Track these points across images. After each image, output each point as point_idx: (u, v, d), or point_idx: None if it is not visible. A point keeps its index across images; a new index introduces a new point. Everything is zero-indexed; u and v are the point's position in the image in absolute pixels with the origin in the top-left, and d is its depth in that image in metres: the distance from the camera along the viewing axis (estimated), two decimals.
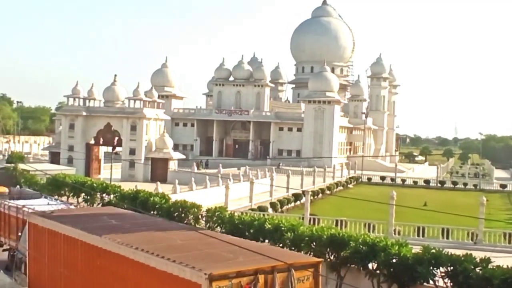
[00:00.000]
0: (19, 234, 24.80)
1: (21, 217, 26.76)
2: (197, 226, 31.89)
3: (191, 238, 17.06)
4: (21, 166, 53.65)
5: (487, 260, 20.29)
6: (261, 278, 13.83)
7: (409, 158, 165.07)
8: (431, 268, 21.18)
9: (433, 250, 21.51)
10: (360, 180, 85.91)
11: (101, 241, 16.18)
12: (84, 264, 17.03)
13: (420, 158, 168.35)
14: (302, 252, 25.07)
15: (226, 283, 13.16)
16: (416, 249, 22.36)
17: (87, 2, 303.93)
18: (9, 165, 56.18)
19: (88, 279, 16.69)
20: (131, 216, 21.22)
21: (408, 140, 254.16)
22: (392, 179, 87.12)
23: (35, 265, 19.56)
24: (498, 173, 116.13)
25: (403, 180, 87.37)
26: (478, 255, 21.01)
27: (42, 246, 19.27)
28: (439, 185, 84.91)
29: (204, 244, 16.04)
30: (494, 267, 19.78)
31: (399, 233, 38.29)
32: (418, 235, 38.66)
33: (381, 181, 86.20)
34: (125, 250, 15.22)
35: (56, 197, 36.73)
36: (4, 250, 29.27)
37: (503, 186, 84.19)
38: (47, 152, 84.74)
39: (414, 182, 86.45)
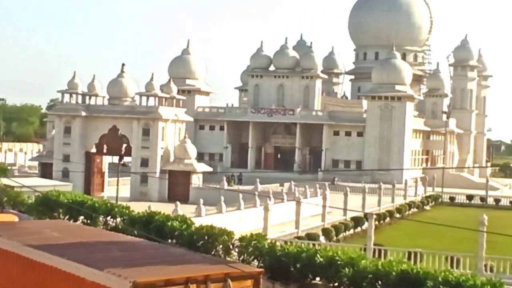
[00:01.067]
0: None
1: None
2: (228, 258, 32.06)
3: (123, 247, 20.48)
4: (3, 181, 54.33)
5: None
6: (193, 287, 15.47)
7: (505, 171, 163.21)
8: None
9: None
10: (440, 200, 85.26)
11: (30, 252, 18.74)
12: (19, 275, 19.61)
13: None
14: None
15: None
16: None
17: None
18: None
19: None
20: (72, 227, 25.74)
21: (503, 147, 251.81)
22: (482, 199, 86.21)
23: None
24: None
25: (497, 200, 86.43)
26: None
27: None
28: None
29: (134, 251, 18.90)
30: None
31: (491, 270, 37.92)
32: None
33: (467, 201, 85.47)
34: (55, 261, 17.64)
35: None
36: None
37: None
38: (36, 163, 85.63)
39: (511, 202, 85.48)
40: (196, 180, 73.84)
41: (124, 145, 73.84)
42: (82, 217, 41.59)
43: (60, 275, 17.33)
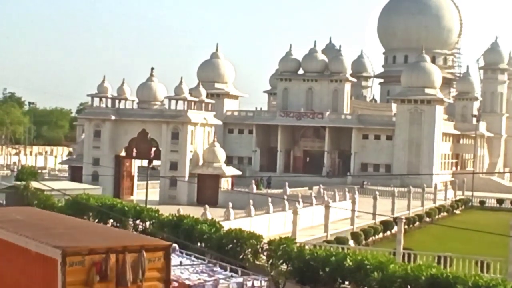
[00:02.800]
0: None
1: None
2: (257, 262, 32.09)
3: (51, 220, 24.59)
4: (33, 184, 54.72)
5: None
6: (113, 256, 18.61)
7: None
8: None
9: None
10: (470, 204, 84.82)
11: None
12: None
13: None
14: None
15: (79, 259, 18.08)
16: None
17: None
18: (19, 183, 57.00)
19: None
20: (36, 212, 29.02)
21: None
22: None
23: None
24: None
25: None
26: None
27: None
28: None
29: (68, 227, 22.63)
30: None
31: None
32: None
33: (498, 205, 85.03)
34: (9, 236, 21.02)
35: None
36: None
37: None
38: (66, 167, 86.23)
39: None
40: (225, 184, 73.93)
41: (153, 149, 73.84)
42: (111, 220, 41.93)
43: (12, 247, 20.64)
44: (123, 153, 76.05)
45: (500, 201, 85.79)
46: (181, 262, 24.52)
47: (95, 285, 18.43)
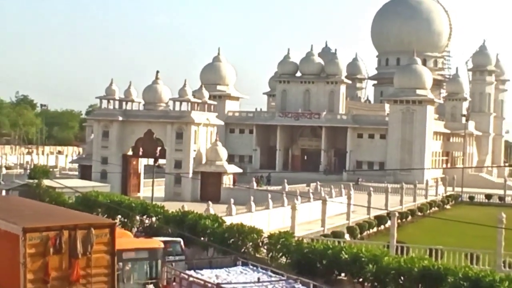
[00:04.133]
0: None
1: None
2: (257, 255, 32.09)
3: (20, 203, 27.68)
4: (45, 182, 54.69)
5: None
6: (66, 233, 20.99)
7: None
8: None
9: None
10: (459, 199, 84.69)
11: None
12: None
13: None
14: None
15: (37, 235, 20.47)
16: None
17: None
18: (31, 181, 56.93)
19: None
20: (16, 199, 32.68)
21: None
22: (501, 198, 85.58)
23: None
24: None
25: None
26: None
27: None
28: None
29: (29, 208, 25.83)
30: None
31: (510, 266, 37.60)
32: None
33: (486, 200, 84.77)
34: None
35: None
36: None
37: None
38: (76, 165, 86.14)
39: None
40: (227, 181, 73.92)
41: (159, 148, 73.83)
42: (119, 216, 41.89)
43: None
44: (130, 152, 76.08)
45: (488, 196, 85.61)
46: (259, 278, 22.30)
47: (50, 257, 20.91)
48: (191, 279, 21.77)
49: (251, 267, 23.84)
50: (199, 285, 21.24)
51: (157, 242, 25.88)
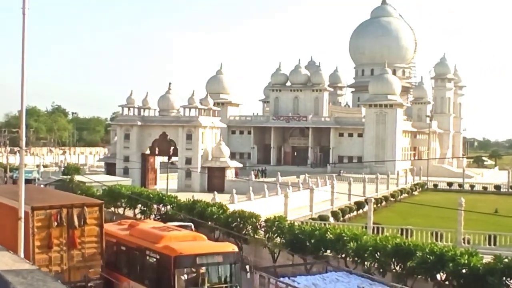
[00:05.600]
0: None
1: None
2: (256, 236, 32.02)
3: (39, 192, 29.71)
4: (77, 177, 54.62)
5: None
6: (65, 210, 23.00)
7: (478, 162, 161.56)
8: (504, 278, 20.75)
9: (506, 260, 21.11)
10: (425, 186, 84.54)
11: None
12: None
13: (490, 162, 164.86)
14: (366, 262, 25.00)
15: (42, 212, 22.67)
16: (487, 259, 21.97)
17: (139, 14, 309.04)
18: (65, 177, 57.10)
19: None
20: (31, 187, 32.81)
21: (476, 143, 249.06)
22: (460, 185, 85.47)
23: None
24: None
25: (472, 186, 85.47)
26: None
27: None
28: (511, 190, 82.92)
29: (42, 194, 27.71)
30: None
31: (468, 242, 37.58)
32: (489, 244, 37.85)
33: (448, 187, 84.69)
34: (5, 200, 25.21)
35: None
36: None
37: None
38: (102, 163, 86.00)
39: (483, 188, 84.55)
40: (230, 174, 73.87)
41: (172, 148, 73.78)
42: (140, 205, 41.79)
43: (9, 207, 24.08)
44: (147, 152, 76.12)
45: (449, 184, 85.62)
46: (358, 287, 18.83)
47: (53, 228, 23.06)
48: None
49: (345, 273, 20.72)
50: None
51: (231, 246, 22.26)
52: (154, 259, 20.92)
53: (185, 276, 19.69)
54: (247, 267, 22.07)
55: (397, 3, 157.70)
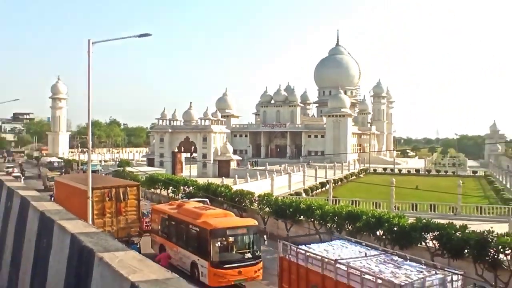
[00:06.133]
0: None
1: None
2: (252, 207, 32.04)
3: (97, 178, 28.67)
4: (128, 168, 54.71)
5: (465, 227, 20.03)
6: (114, 189, 24.27)
7: (404, 154, 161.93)
8: (423, 233, 20.87)
9: (424, 220, 21.22)
10: (368, 171, 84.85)
11: (69, 181, 28.59)
12: (67, 191, 28.01)
13: (412, 153, 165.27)
14: (328, 224, 24.96)
15: (99, 191, 23.89)
16: (411, 220, 22.06)
17: (166, 48, 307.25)
18: (119, 168, 57.28)
19: (69, 197, 26.80)
20: (97, 176, 33.07)
21: (402, 141, 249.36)
22: (392, 170, 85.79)
23: (58, 195, 30.59)
24: (470, 163, 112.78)
25: (400, 170, 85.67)
26: (457, 223, 20.66)
27: (59, 187, 31.19)
28: (426, 172, 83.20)
29: (99, 179, 27.77)
30: (470, 232, 19.43)
31: (398, 209, 37.75)
32: (413, 210, 38.04)
33: (383, 171, 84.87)
34: (72, 183, 27.06)
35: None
36: None
37: (474, 172, 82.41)
38: (145, 159, 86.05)
39: (408, 171, 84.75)
40: (233, 165, 73.89)
41: (193, 147, 74.04)
42: (171, 187, 41.79)
43: (76, 188, 25.27)
44: (176, 150, 76.07)
45: (385, 169, 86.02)
46: (366, 253, 15.92)
47: (106, 202, 24.06)
48: (307, 254, 15.87)
49: (346, 241, 18.04)
50: (315, 259, 15.44)
51: (252, 221, 20.90)
52: (195, 231, 20.28)
53: (218, 243, 19.23)
54: (265, 236, 21.88)
55: (346, 44, 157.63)
